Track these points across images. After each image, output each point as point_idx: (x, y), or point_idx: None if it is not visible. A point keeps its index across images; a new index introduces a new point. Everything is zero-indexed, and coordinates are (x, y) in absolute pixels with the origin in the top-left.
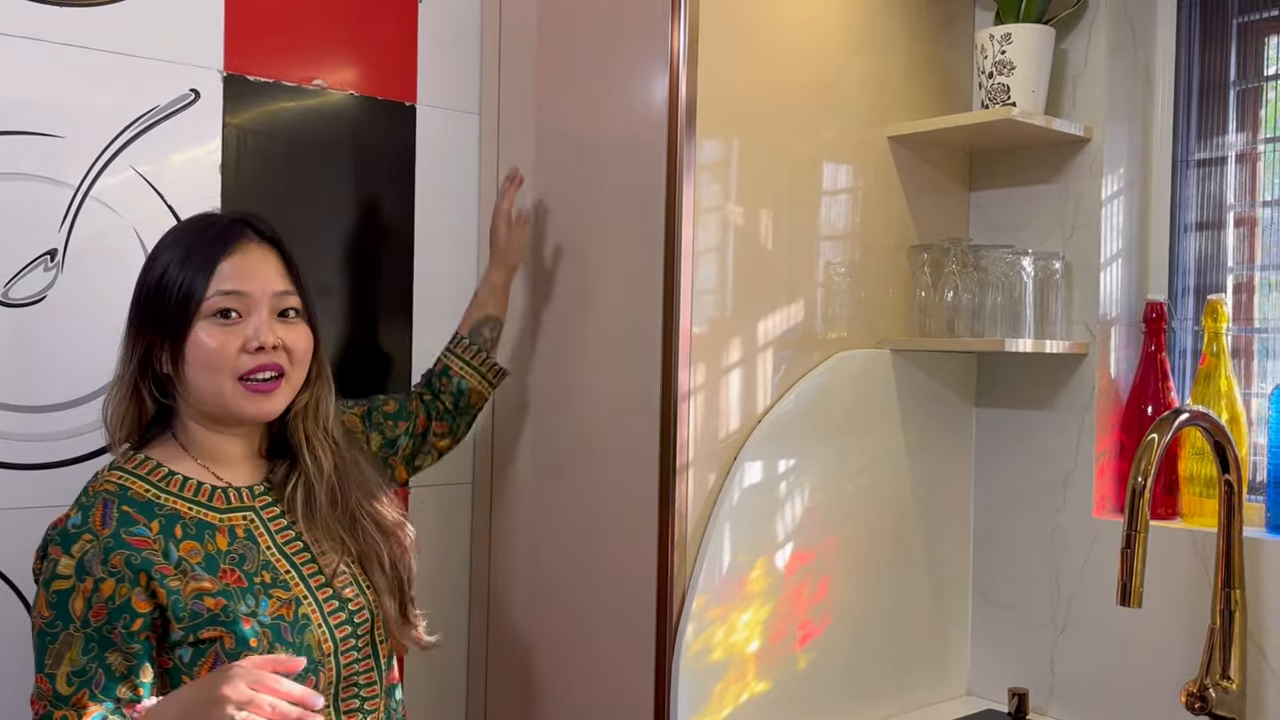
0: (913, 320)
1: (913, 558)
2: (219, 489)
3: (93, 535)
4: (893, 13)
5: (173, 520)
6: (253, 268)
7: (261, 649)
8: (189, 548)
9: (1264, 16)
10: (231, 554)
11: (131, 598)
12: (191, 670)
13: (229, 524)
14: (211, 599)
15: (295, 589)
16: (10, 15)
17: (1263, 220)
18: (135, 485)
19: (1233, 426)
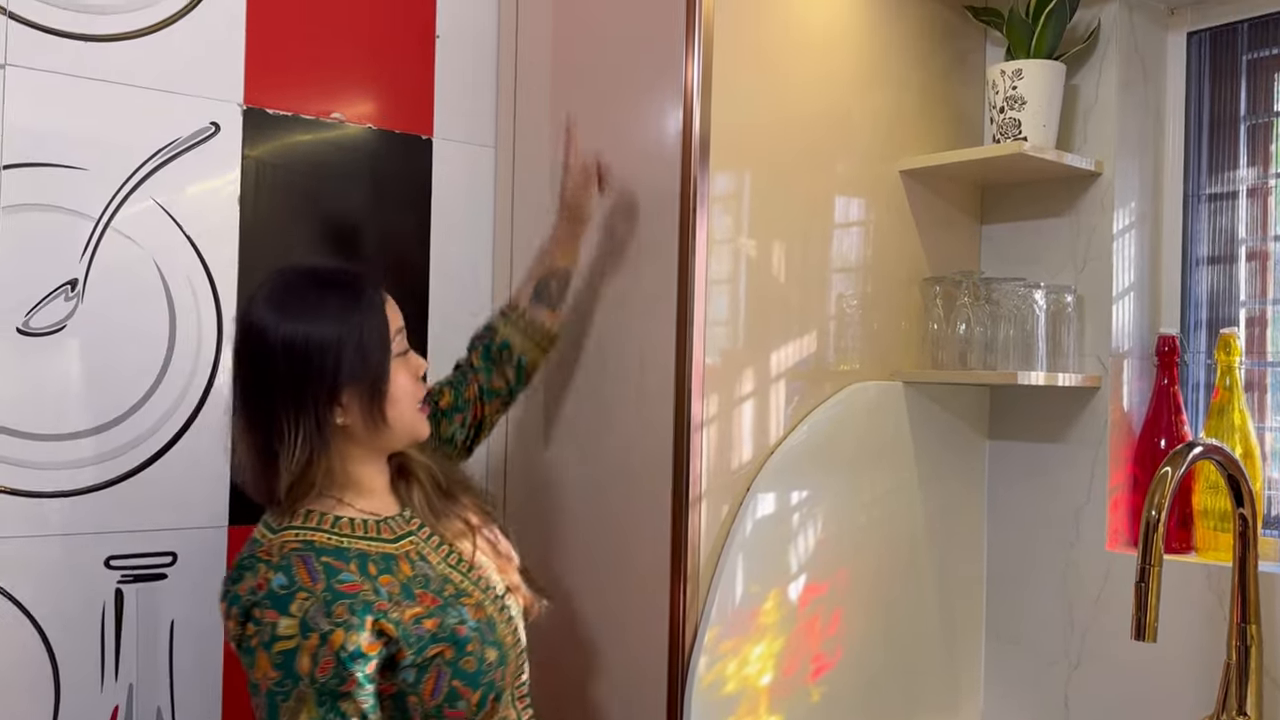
0: (925, 352)
1: (925, 590)
2: (381, 522)
3: (308, 592)
4: (904, 48)
5: (364, 560)
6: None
7: (477, 652)
8: (387, 581)
9: (1273, 53)
10: (418, 577)
11: (362, 644)
12: (418, 688)
13: (404, 550)
14: (428, 620)
15: (475, 595)
16: (35, 50)
17: (1274, 254)
18: (317, 537)
19: (1246, 461)
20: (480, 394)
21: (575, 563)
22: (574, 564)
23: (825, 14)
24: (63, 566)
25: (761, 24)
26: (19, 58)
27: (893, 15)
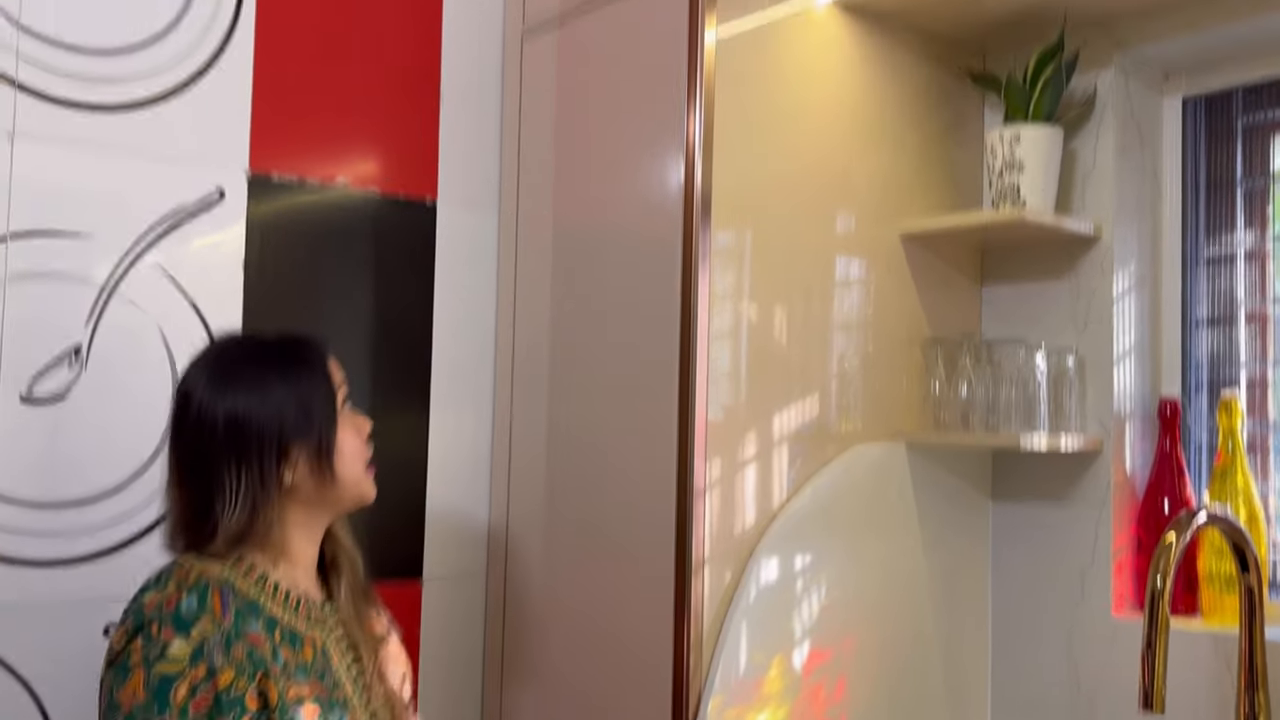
0: (927, 413)
1: (930, 656)
2: (302, 600)
3: (214, 624)
4: (902, 110)
5: (273, 625)
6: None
7: None
8: (287, 653)
9: (1268, 117)
10: (316, 667)
11: (247, 693)
12: None
13: (312, 637)
14: (311, 705)
15: (358, 713)
16: (43, 120)
17: (1274, 316)
18: (240, 583)
19: (1251, 524)
20: None
21: (576, 630)
22: (575, 631)
23: (823, 75)
24: (59, 635)
25: (761, 83)
26: (27, 127)
27: (890, 78)
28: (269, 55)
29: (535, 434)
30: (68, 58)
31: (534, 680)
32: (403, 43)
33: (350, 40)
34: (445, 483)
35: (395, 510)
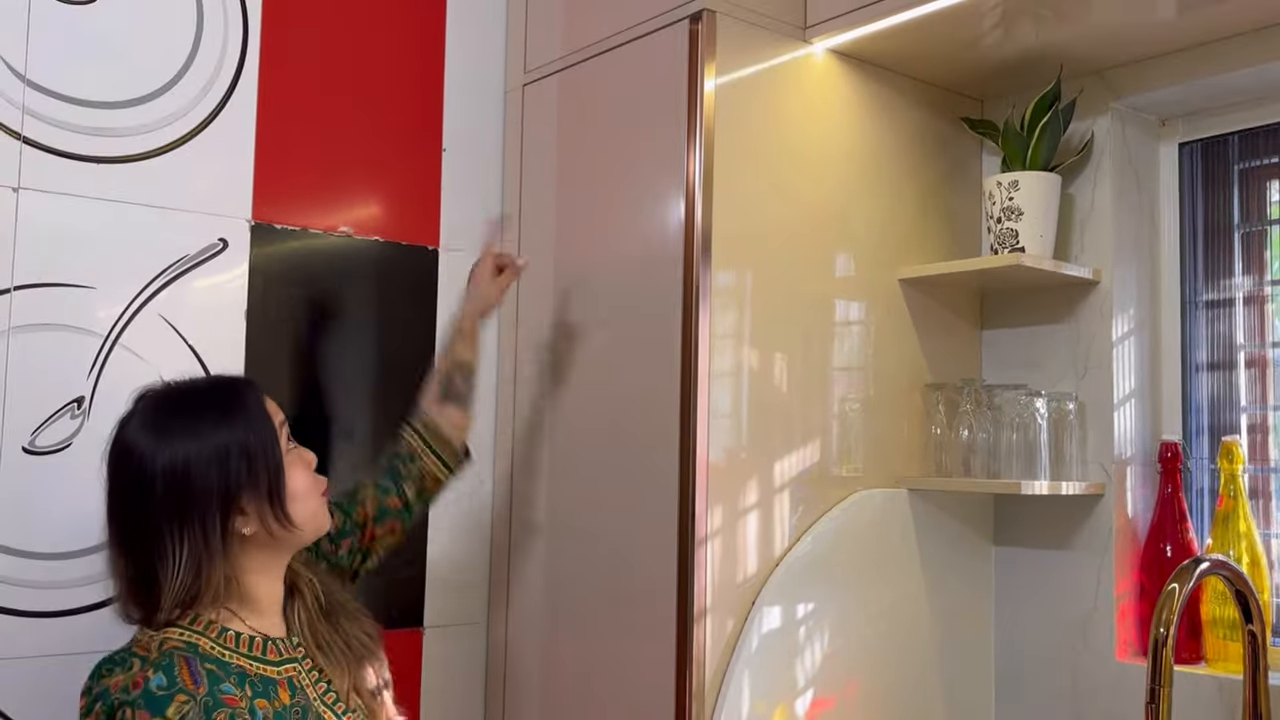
0: (929, 458)
1: (934, 702)
2: (270, 642)
3: (188, 695)
4: (899, 156)
5: (243, 678)
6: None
7: None
8: (263, 705)
9: (1265, 163)
10: (295, 708)
11: None
12: None
13: (286, 676)
14: None
15: None
16: (48, 173)
17: (1273, 360)
18: (202, 643)
19: (1253, 570)
20: (374, 514)
21: (578, 679)
22: (577, 681)
23: (822, 121)
24: (61, 686)
25: (760, 128)
26: (31, 181)
27: (888, 124)
28: (272, 108)
29: (537, 480)
30: (72, 111)
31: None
32: (405, 94)
33: (352, 93)
34: (446, 530)
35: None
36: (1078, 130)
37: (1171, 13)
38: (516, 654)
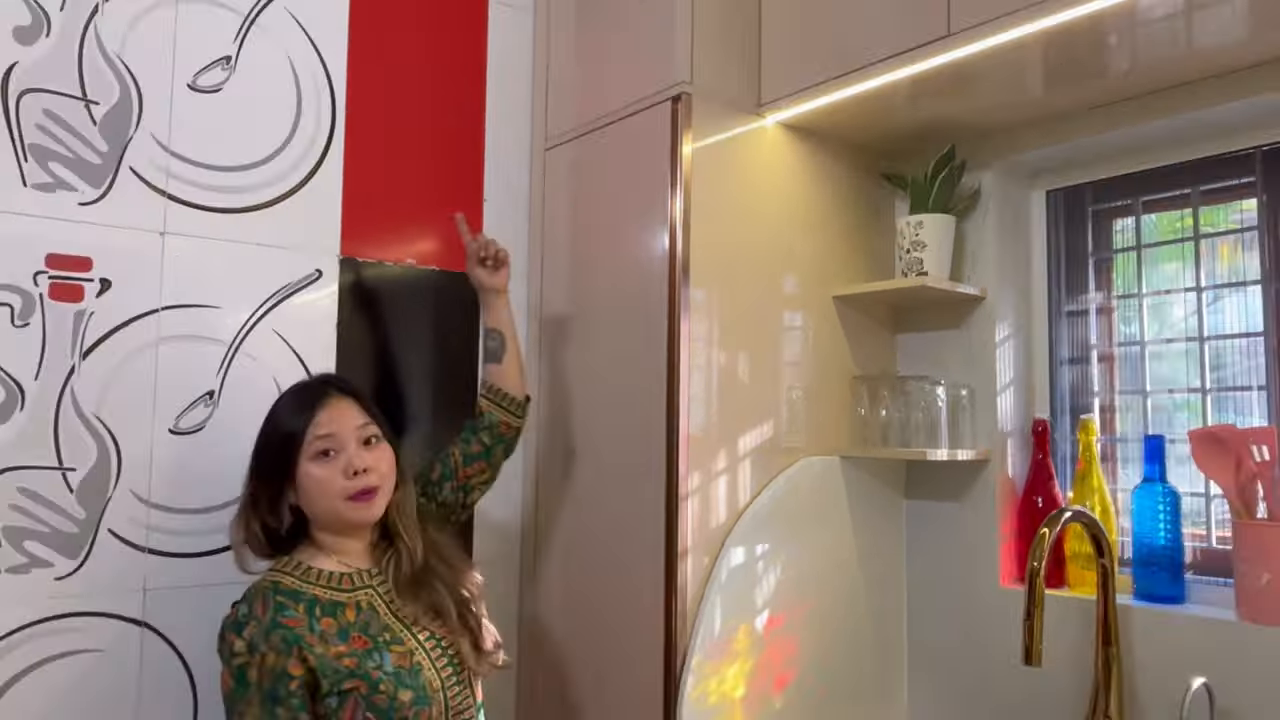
0: (855, 433)
1: (861, 619)
2: (346, 574)
3: (256, 621)
4: (831, 202)
5: (313, 603)
6: (336, 418)
7: (389, 692)
8: (327, 623)
9: (1110, 205)
10: (359, 623)
11: (287, 665)
12: (338, 714)
13: (355, 600)
14: (348, 659)
15: (409, 643)
16: (186, 221)
17: (1119, 357)
18: (285, 579)
19: (1104, 516)
20: (461, 460)
21: (591, 603)
22: (590, 604)
23: (772, 175)
24: (200, 612)
25: (725, 181)
26: (174, 227)
27: (823, 178)
28: (353, 169)
29: (558, 452)
30: (203, 174)
31: (555, 646)
32: (454, 157)
33: (414, 156)
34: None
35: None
36: (968, 181)
37: (1038, 93)
38: (544, 585)
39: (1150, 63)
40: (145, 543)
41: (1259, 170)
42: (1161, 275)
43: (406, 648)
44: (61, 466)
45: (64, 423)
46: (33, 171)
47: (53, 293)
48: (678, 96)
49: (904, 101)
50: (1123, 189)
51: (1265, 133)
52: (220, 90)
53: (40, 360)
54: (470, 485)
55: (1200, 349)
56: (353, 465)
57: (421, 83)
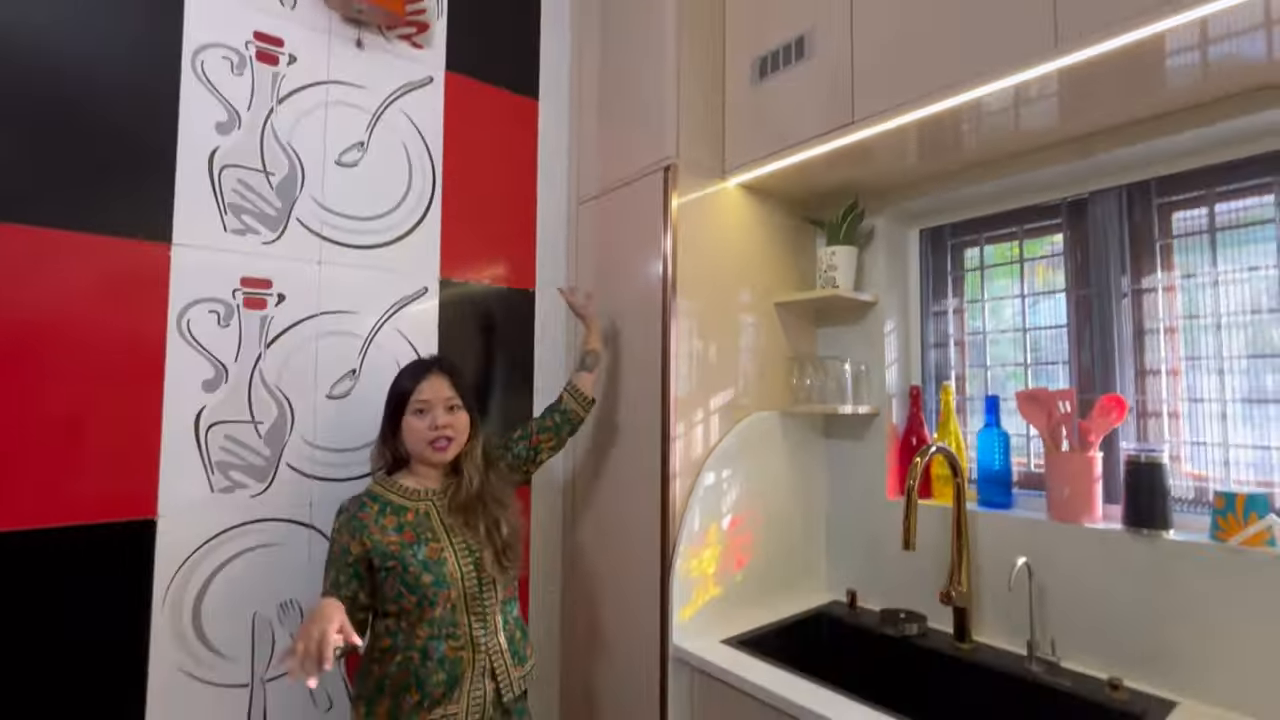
0: (790, 395)
1: (793, 520)
2: (418, 490)
3: (346, 513)
4: (774, 237)
5: (386, 505)
6: (432, 388)
7: (417, 573)
8: (390, 520)
9: (964, 239)
10: (412, 523)
11: (351, 544)
12: (384, 583)
13: (416, 507)
14: (394, 546)
15: (443, 542)
16: (333, 254)
17: (968, 343)
18: (376, 489)
19: (958, 450)
20: (537, 429)
21: (611, 517)
22: (610, 517)
23: (733, 219)
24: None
25: (700, 225)
26: (327, 259)
27: (767, 221)
28: (448, 217)
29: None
30: (345, 222)
31: (590, 536)
32: (515, 208)
33: (490, 206)
34: None
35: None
36: (867, 223)
37: (914, 162)
38: (580, 492)
39: (990, 140)
40: (311, 472)
41: (1064, 215)
42: (997, 287)
43: (439, 545)
44: (253, 420)
45: (255, 391)
46: (230, 221)
47: (246, 304)
48: (668, 166)
49: (823, 168)
50: (971, 228)
51: (1068, 189)
52: (357, 165)
53: (238, 349)
54: (540, 448)
55: (1024, 337)
56: (436, 422)
57: (493, 159)
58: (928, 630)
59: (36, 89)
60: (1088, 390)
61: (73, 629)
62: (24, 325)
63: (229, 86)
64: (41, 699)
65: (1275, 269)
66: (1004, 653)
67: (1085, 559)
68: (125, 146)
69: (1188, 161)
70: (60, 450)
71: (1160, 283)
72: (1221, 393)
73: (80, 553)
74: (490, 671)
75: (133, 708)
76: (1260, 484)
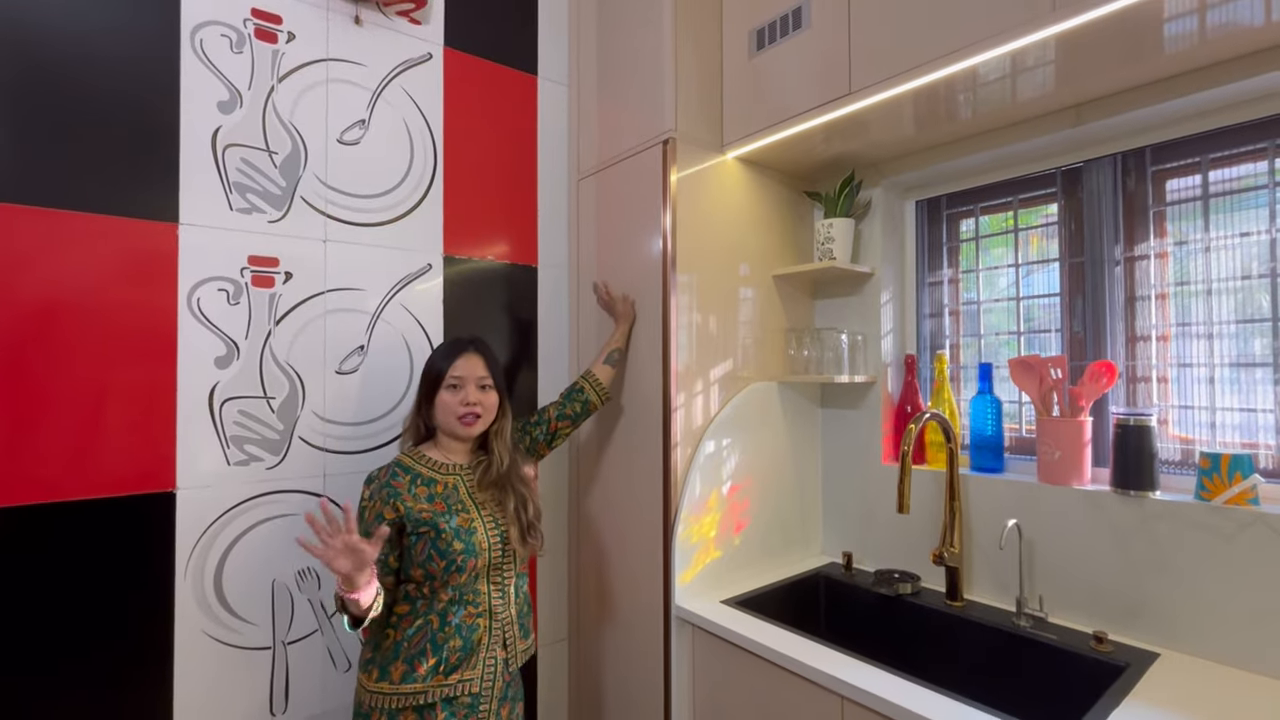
0: (787, 365)
1: (790, 487)
2: (445, 464)
3: (377, 480)
4: (772, 210)
5: (415, 476)
6: (467, 366)
7: (448, 540)
8: (422, 490)
9: (959, 209)
10: (442, 494)
11: (384, 510)
12: (414, 547)
13: (444, 479)
14: (425, 512)
15: (473, 514)
16: (340, 233)
17: (962, 313)
18: (405, 460)
19: (951, 417)
20: (556, 416)
21: (616, 483)
22: (614, 484)
23: (731, 193)
24: (358, 487)
25: (699, 199)
26: (332, 237)
27: (765, 194)
28: (450, 194)
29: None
30: (350, 200)
31: (596, 503)
32: (517, 184)
33: (491, 182)
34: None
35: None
36: (863, 196)
37: (910, 133)
38: (586, 463)
39: (987, 110)
40: (323, 445)
41: (1059, 184)
42: (992, 257)
43: (469, 516)
44: (266, 396)
45: (266, 367)
46: (236, 200)
47: (254, 281)
48: (667, 140)
49: (820, 141)
50: (967, 199)
51: (1062, 158)
52: (359, 144)
53: (248, 326)
54: (557, 433)
55: (1017, 306)
56: (467, 399)
57: (494, 136)
58: (920, 589)
59: (37, 68)
60: (1079, 357)
61: (102, 596)
62: (38, 305)
63: (229, 65)
64: (75, 661)
65: (1266, 234)
66: (994, 609)
67: (1073, 519)
68: (129, 126)
69: (1183, 128)
70: (82, 426)
71: (1153, 250)
72: (1210, 357)
73: (107, 524)
74: (503, 640)
75: (161, 669)
76: (1245, 445)
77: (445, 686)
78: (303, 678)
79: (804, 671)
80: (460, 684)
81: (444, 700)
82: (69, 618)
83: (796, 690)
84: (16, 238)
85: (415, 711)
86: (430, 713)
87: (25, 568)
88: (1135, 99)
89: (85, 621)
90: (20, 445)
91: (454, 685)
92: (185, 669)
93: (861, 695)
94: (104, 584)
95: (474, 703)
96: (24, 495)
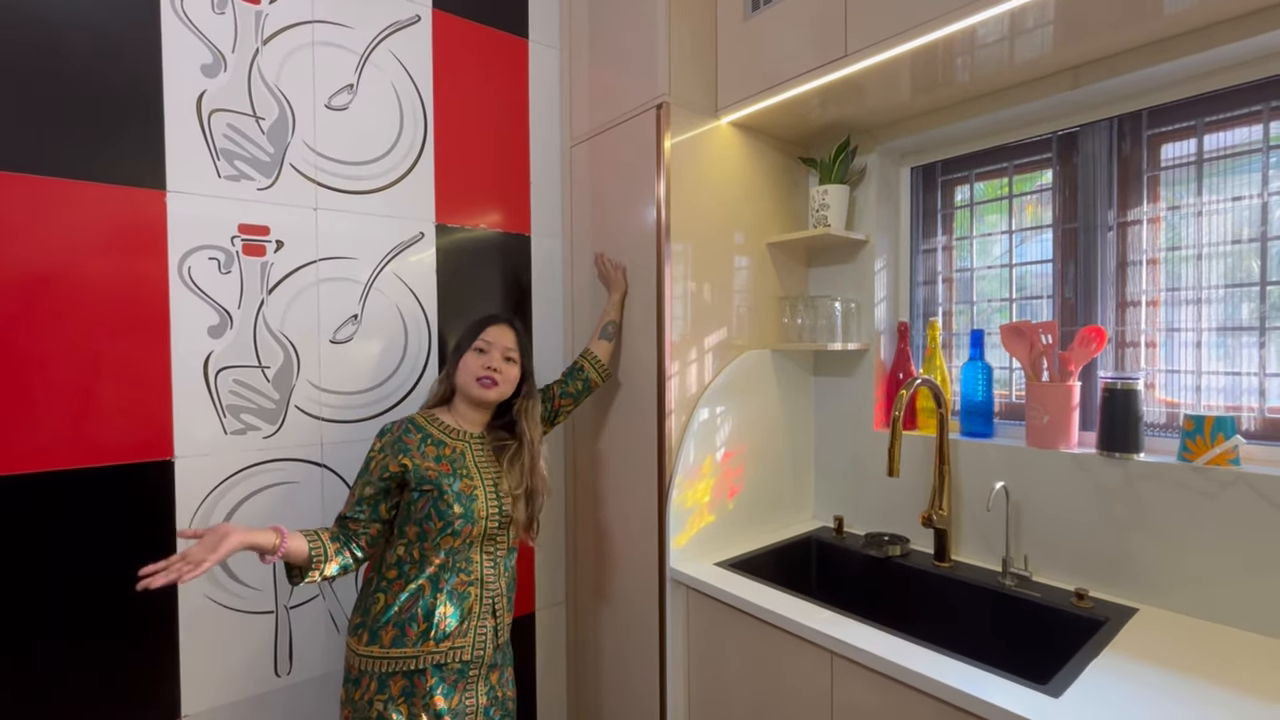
0: (781, 333)
1: (783, 453)
2: (458, 430)
3: (389, 434)
4: (766, 177)
5: (426, 436)
6: (497, 334)
7: (450, 503)
8: (430, 450)
9: (953, 176)
10: (449, 457)
11: (390, 462)
12: (416, 504)
13: (453, 444)
14: (432, 471)
15: (476, 481)
16: (331, 200)
17: (955, 280)
18: (419, 419)
19: (943, 383)
20: (559, 394)
21: (612, 450)
22: (611, 450)
23: (726, 159)
24: (355, 456)
25: (694, 165)
26: (322, 204)
27: (760, 160)
28: (442, 161)
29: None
30: (340, 167)
31: (590, 472)
32: (509, 152)
33: (483, 150)
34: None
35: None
36: (858, 162)
37: (906, 98)
38: (583, 430)
39: (983, 73)
40: (320, 414)
41: (1054, 150)
42: (986, 224)
43: (472, 483)
44: (261, 365)
45: (260, 337)
46: (224, 167)
47: (245, 250)
48: (660, 105)
49: (815, 106)
50: (961, 165)
51: (1058, 122)
52: (348, 109)
53: (240, 295)
54: (560, 412)
55: (1010, 273)
56: (489, 364)
57: (485, 101)
58: (909, 551)
59: (9, 27)
60: (1070, 323)
61: (105, 563)
62: (27, 273)
63: (211, 26)
64: (82, 626)
65: (1258, 199)
66: (980, 569)
67: (1060, 481)
68: (111, 90)
69: (1180, 90)
70: (79, 395)
71: (1146, 215)
72: (1198, 322)
73: (107, 492)
74: (493, 610)
75: (166, 633)
76: (1229, 408)
77: (436, 654)
78: (306, 640)
79: (795, 629)
80: (451, 651)
81: (434, 666)
82: (73, 585)
83: (788, 647)
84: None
85: (405, 676)
86: (420, 678)
87: (27, 536)
88: (1133, 60)
89: (89, 587)
90: (16, 415)
91: (445, 653)
92: (190, 634)
93: (850, 650)
94: (106, 551)
95: (464, 669)
96: (22, 464)
